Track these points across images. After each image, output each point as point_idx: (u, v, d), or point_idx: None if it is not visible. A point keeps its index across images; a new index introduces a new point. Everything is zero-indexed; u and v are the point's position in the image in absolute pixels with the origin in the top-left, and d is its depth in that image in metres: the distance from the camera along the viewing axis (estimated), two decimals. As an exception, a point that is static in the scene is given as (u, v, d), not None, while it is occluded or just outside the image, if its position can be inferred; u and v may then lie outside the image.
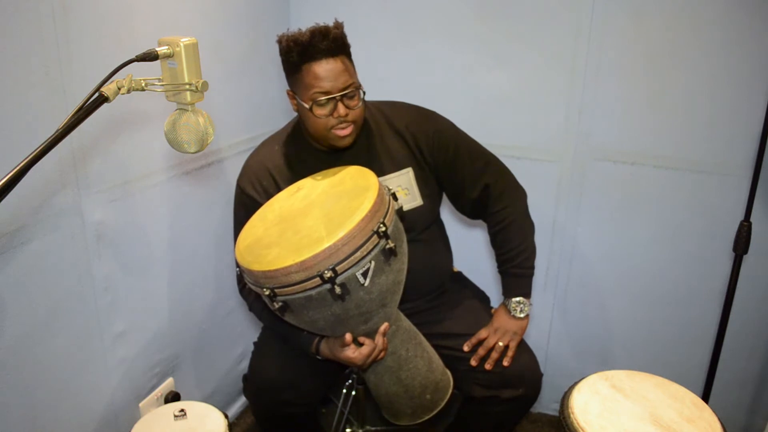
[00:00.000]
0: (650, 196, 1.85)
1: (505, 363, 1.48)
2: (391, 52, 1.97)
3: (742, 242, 1.65)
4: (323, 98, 1.36)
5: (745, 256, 1.68)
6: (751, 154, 1.68)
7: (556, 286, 2.04)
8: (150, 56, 0.96)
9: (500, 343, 1.50)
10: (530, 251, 1.57)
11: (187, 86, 0.99)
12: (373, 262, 1.15)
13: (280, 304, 1.19)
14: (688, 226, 1.84)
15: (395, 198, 1.27)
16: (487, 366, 1.49)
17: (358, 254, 1.13)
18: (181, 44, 0.97)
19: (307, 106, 1.38)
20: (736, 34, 1.64)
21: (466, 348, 1.53)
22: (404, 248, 1.27)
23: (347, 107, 1.39)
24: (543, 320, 2.09)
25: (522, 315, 1.54)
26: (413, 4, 1.90)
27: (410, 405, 1.44)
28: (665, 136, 1.79)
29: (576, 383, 1.37)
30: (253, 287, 1.24)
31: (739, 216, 1.67)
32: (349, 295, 1.15)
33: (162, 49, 0.97)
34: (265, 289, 1.18)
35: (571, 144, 1.88)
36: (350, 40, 1.41)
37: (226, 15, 1.75)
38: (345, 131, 1.41)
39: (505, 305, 1.56)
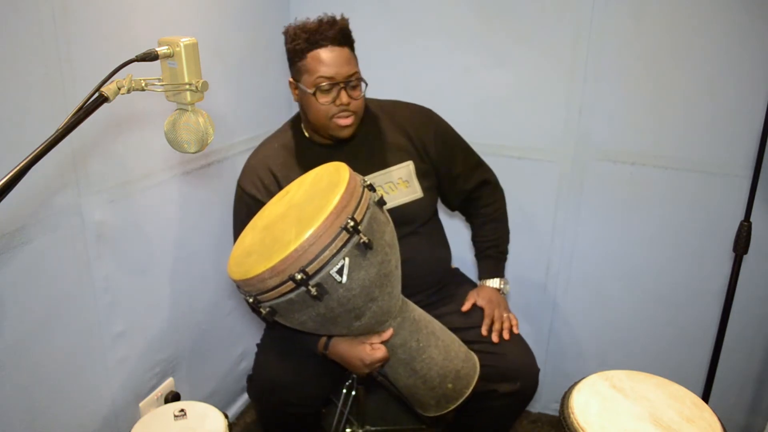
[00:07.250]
0: (650, 196, 1.85)
1: (506, 335, 1.52)
2: (391, 52, 1.97)
3: (742, 242, 1.65)
4: (327, 84, 1.38)
5: (745, 256, 1.67)
6: (752, 154, 1.68)
7: (556, 286, 2.04)
8: (150, 56, 0.96)
9: (505, 314, 1.57)
10: (508, 239, 1.74)
11: (187, 86, 0.99)
12: (347, 259, 1.13)
13: (267, 309, 1.18)
14: (689, 226, 1.84)
15: (372, 189, 1.23)
16: (495, 337, 1.51)
17: (327, 253, 1.11)
18: (181, 44, 0.97)
19: (310, 91, 1.39)
20: (736, 34, 1.63)
21: (464, 308, 1.58)
22: (385, 240, 1.22)
23: (350, 96, 1.41)
24: (543, 320, 2.09)
25: (506, 292, 1.66)
26: (413, 3, 1.90)
27: (432, 395, 1.41)
28: (665, 136, 1.78)
29: (576, 383, 1.37)
30: (242, 296, 1.24)
31: (739, 216, 1.67)
32: (327, 295, 1.14)
33: (162, 49, 0.97)
34: (249, 297, 1.18)
35: (571, 144, 1.87)
36: (350, 39, 1.41)
37: (226, 15, 1.75)
38: (346, 120, 1.43)
39: (486, 284, 1.66)
